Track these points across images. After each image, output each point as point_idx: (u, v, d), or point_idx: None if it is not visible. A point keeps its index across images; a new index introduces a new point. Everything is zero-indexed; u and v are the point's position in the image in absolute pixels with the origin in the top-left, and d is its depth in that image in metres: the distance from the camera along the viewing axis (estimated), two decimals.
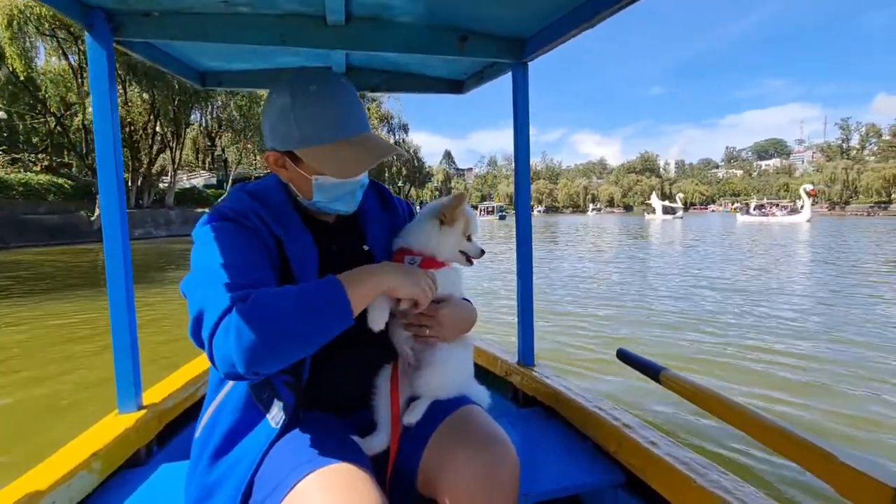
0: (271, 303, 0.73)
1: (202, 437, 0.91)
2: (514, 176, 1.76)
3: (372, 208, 1.06)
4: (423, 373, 0.96)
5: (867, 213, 63.95)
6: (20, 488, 1.00)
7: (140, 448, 1.33)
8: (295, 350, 0.75)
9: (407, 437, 0.92)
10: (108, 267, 1.35)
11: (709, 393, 1.00)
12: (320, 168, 0.86)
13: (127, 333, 1.37)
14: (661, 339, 4.85)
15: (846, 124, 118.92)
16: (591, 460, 1.30)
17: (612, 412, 1.35)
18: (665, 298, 6.91)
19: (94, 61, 1.31)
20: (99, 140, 1.32)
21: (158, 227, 23.88)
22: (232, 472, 0.84)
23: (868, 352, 4.32)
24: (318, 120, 0.85)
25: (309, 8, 1.35)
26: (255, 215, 0.88)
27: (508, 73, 1.70)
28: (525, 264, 1.74)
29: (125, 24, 1.33)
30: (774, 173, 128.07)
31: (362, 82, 1.98)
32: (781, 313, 5.82)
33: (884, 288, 7.64)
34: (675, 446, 1.17)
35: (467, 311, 1.04)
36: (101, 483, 1.18)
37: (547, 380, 1.61)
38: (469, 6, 1.37)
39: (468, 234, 1.00)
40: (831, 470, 0.74)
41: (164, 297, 7.59)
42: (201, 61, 1.80)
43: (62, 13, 1.24)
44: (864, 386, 3.54)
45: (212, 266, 0.78)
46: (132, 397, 1.38)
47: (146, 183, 25.56)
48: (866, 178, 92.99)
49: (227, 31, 1.37)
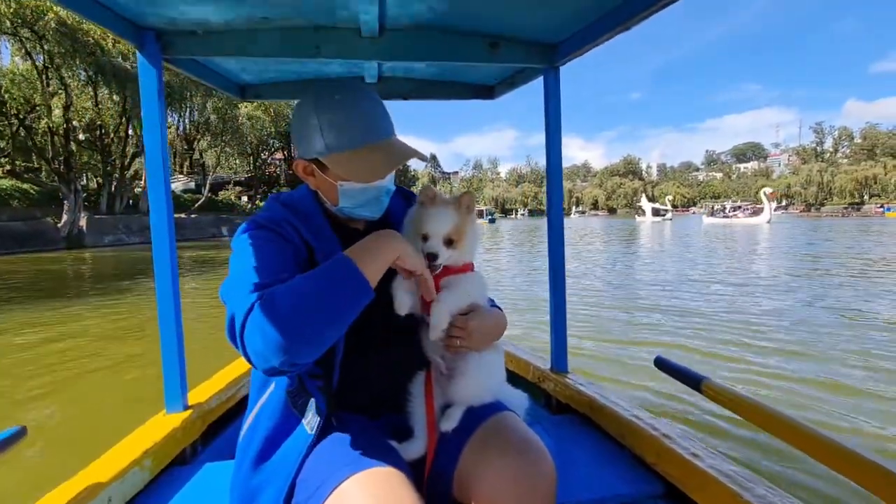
0: (289, 291, 0.74)
1: (245, 442, 0.93)
2: (546, 180, 1.76)
3: (399, 214, 1.04)
4: (455, 381, 0.95)
5: (842, 215, 65.78)
6: (80, 482, 1.06)
7: (186, 447, 1.39)
8: (323, 331, 0.74)
9: (442, 443, 0.92)
10: (156, 276, 1.41)
11: (754, 404, 0.96)
12: (344, 174, 0.88)
13: (174, 338, 1.43)
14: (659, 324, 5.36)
15: (820, 128, 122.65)
16: (628, 470, 1.28)
17: (650, 421, 1.33)
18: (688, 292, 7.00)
19: (145, 79, 1.38)
20: (149, 154, 1.39)
21: (132, 233, 23.02)
22: (273, 477, 0.86)
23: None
24: (341, 127, 0.87)
25: (344, 21, 1.39)
26: (287, 224, 0.91)
27: (540, 77, 1.69)
28: (558, 271, 1.73)
29: (173, 43, 1.40)
30: (752, 176, 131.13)
31: (394, 91, 1.99)
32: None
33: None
34: (719, 458, 1.13)
35: (497, 320, 1.02)
36: (151, 480, 1.23)
37: (581, 387, 1.59)
38: (500, 13, 1.37)
39: (423, 233, 0.92)
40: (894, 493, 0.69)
41: (137, 307, 7.08)
42: (240, 75, 1.86)
43: (116, 34, 1.31)
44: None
45: (243, 271, 0.81)
46: (179, 398, 1.43)
47: (119, 188, 24.64)
48: (840, 180, 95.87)
49: (265, 46, 1.42)
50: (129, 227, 23.18)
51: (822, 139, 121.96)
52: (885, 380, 3.62)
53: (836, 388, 3.49)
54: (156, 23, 1.35)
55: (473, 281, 0.97)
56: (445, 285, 0.93)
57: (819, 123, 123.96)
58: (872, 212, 69.95)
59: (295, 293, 0.73)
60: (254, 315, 0.72)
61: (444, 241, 0.91)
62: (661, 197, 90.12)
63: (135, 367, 4.28)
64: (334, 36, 1.43)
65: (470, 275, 0.97)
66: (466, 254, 0.95)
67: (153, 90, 1.39)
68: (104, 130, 23.27)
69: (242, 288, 0.77)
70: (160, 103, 1.40)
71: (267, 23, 1.37)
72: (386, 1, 1.27)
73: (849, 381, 3.60)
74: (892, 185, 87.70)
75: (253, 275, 0.79)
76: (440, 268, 0.92)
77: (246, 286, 0.76)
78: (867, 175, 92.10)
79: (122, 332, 5.69)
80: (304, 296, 0.73)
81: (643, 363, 3.92)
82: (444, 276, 0.94)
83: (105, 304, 7.43)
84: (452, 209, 0.92)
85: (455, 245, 0.92)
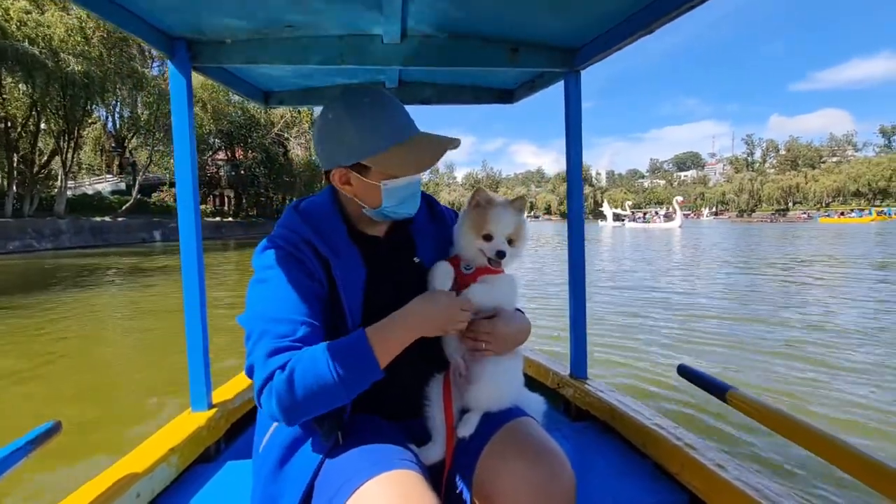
0: (306, 372, 0.78)
1: (265, 448, 0.93)
2: (566, 186, 1.76)
3: (420, 219, 1.06)
4: (475, 386, 0.95)
5: (770, 220, 70.85)
6: (110, 477, 1.10)
7: (210, 445, 1.44)
8: (330, 405, 0.82)
9: (461, 447, 0.92)
10: (184, 279, 1.46)
11: (782, 415, 0.96)
12: (393, 170, 0.89)
13: (200, 338, 1.47)
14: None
15: (750, 140, 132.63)
16: (650, 479, 1.27)
17: (673, 431, 1.32)
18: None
19: (175, 86, 1.45)
20: (178, 158, 1.45)
21: (43, 238, 20.32)
22: (292, 481, 0.86)
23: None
24: (380, 127, 0.88)
25: (366, 28, 1.42)
26: (304, 243, 0.91)
27: (560, 81, 1.69)
28: (577, 276, 1.72)
29: (203, 52, 1.46)
30: (692, 183, 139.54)
31: (414, 96, 2.00)
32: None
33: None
34: (745, 470, 1.11)
35: (523, 325, 1.01)
36: (178, 477, 1.28)
37: (601, 394, 1.59)
38: (521, 18, 1.37)
39: (485, 233, 0.94)
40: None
41: (56, 328, 5.74)
42: (265, 82, 1.91)
43: (148, 43, 1.36)
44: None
45: (264, 314, 0.85)
46: (203, 397, 1.48)
47: (29, 188, 21.85)
48: (768, 188, 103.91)
49: (290, 54, 1.47)
50: (39, 231, 20.45)
51: (753, 150, 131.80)
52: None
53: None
54: (186, 33, 1.40)
55: (507, 283, 1.00)
56: (482, 282, 0.96)
57: (750, 135, 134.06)
58: (798, 217, 75.92)
59: (311, 374, 0.78)
60: (273, 385, 0.78)
61: (508, 240, 0.94)
62: (614, 203, 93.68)
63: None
64: (357, 43, 1.46)
65: (504, 276, 0.99)
66: (519, 253, 0.98)
67: (183, 98, 1.44)
68: (10, 124, 20.52)
69: (261, 342, 0.82)
70: (189, 111, 1.46)
71: (292, 31, 1.41)
72: (408, 8, 1.28)
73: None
74: (812, 193, 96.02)
75: (274, 319, 0.83)
76: (474, 268, 0.96)
77: (265, 342, 0.82)
78: (791, 184, 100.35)
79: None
80: (319, 377, 0.78)
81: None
82: (480, 275, 0.96)
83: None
84: (512, 210, 0.96)
85: (514, 244, 0.96)
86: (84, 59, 20.49)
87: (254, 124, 34.43)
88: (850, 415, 3.08)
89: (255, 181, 36.17)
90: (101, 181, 33.64)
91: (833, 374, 3.82)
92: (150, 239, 26.25)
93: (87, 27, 20.67)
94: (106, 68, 21.59)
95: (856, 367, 4.01)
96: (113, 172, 34.95)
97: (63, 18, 20.01)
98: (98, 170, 34.71)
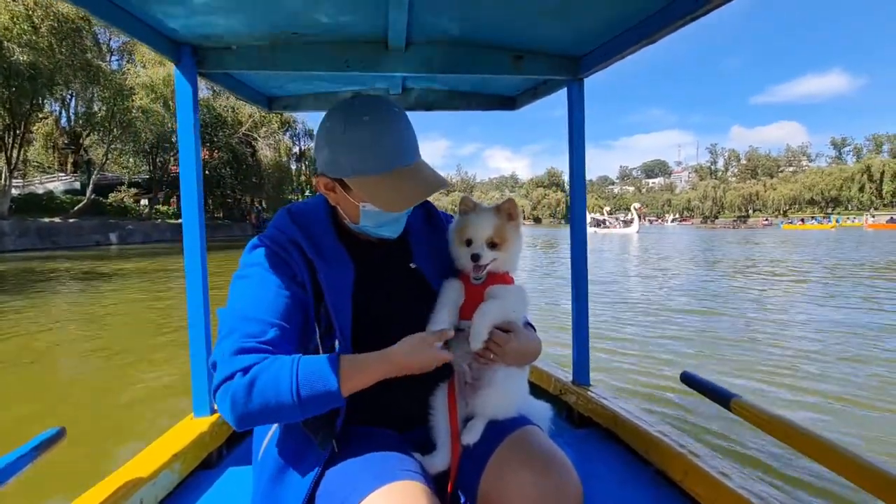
0: (267, 383, 0.76)
1: (264, 455, 0.93)
2: (570, 194, 1.77)
3: (417, 224, 1.05)
4: (480, 393, 0.95)
5: (732, 227, 73.63)
6: (114, 482, 1.10)
7: (212, 451, 1.45)
8: (281, 421, 0.84)
9: (466, 456, 0.91)
10: (187, 284, 1.47)
11: (787, 424, 0.95)
12: (369, 199, 0.87)
13: (203, 344, 1.48)
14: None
15: (714, 149, 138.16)
16: (653, 487, 1.27)
17: (676, 438, 1.32)
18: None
19: (181, 91, 1.47)
20: (183, 163, 1.46)
21: None
22: (292, 493, 0.84)
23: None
24: (369, 151, 0.85)
25: (372, 35, 1.42)
26: (291, 243, 0.90)
27: (563, 88, 1.71)
28: (580, 282, 1.72)
29: (208, 58, 1.47)
30: (660, 190, 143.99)
31: (418, 101, 2.01)
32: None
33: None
34: (750, 479, 1.11)
35: (533, 345, 1.00)
36: (180, 483, 1.29)
37: (604, 400, 1.59)
38: (524, 27, 1.38)
39: (466, 238, 0.96)
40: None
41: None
42: (269, 87, 1.92)
43: (155, 50, 1.36)
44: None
45: (238, 311, 0.84)
46: (206, 402, 1.49)
47: None
48: (730, 195, 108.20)
49: (296, 60, 1.47)
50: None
51: (716, 159, 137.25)
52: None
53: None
54: (192, 39, 1.41)
55: (517, 295, 0.99)
56: (490, 295, 0.96)
57: (714, 145, 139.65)
58: (759, 224, 79.18)
59: (272, 388, 0.76)
60: (231, 387, 0.76)
61: (488, 243, 0.95)
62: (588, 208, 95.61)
63: None
64: (362, 50, 1.47)
65: (514, 287, 0.99)
66: (511, 258, 0.98)
67: (188, 104, 1.45)
68: None
69: (229, 338, 0.80)
70: (195, 117, 1.47)
71: (298, 38, 1.42)
72: (413, 16, 1.28)
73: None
74: (770, 201, 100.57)
75: (246, 317, 0.82)
76: (484, 278, 0.96)
77: (232, 339, 0.80)
78: (751, 192, 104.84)
79: None
80: (279, 394, 0.76)
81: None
82: (490, 285, 0.96)
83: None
84: (493, 214, 0.97)
85: (499, 248, 0.96)
86: (31, 49, 19.09)
87: (220, 123, 32.93)
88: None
89: (221, 182, 34.71)
90: (54, 180, 31.52)
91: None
92: (104, 241, 24.67)
93: (35, 16, 19.29)
94: (56, 60, 20.17)
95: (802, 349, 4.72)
96: (66, 171, 32.81)
97: (8, 6, 18.61)
98: (50, 168, 32.55)
